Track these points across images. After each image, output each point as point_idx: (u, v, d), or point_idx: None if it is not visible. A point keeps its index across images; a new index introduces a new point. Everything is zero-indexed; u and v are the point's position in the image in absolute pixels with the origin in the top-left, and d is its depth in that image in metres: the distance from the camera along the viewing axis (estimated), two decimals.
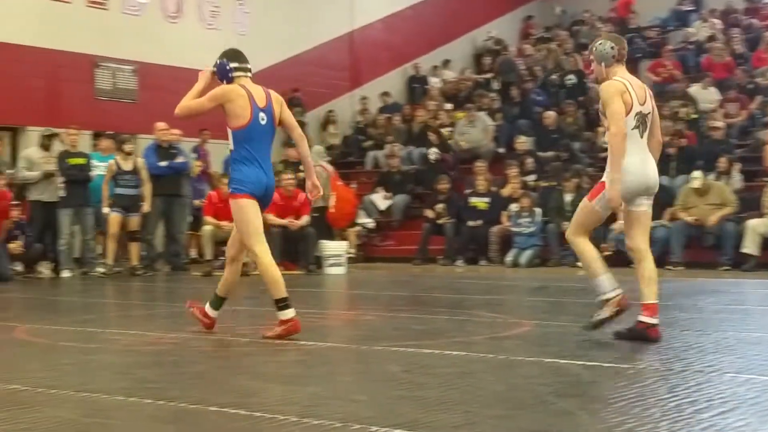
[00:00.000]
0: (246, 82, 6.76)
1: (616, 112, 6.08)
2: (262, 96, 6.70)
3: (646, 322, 6.14)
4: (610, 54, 6.28)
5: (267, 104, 6.69)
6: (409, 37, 22.60)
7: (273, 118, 6.68)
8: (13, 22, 15.35)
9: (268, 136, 6.67)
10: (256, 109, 6.60)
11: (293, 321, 6.48)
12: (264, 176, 6.55)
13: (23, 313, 8.35)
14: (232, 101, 6.59)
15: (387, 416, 4.03)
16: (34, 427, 3.90)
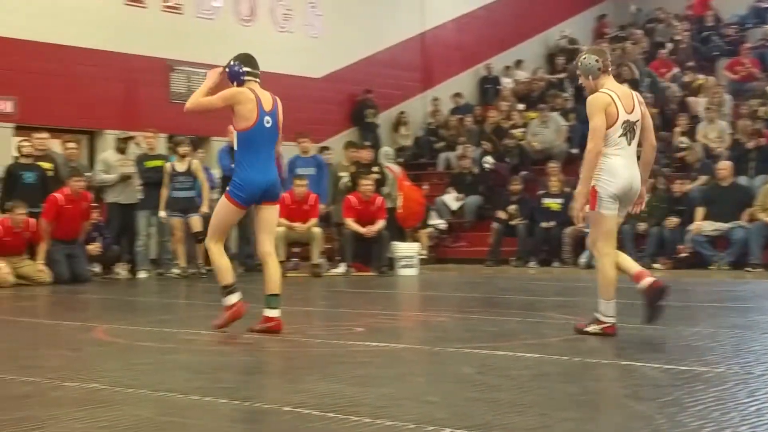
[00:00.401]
0: (255, 86, 7.04)
1: (597, 129, 6.33)
2: (269, 100, 7.02)
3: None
4: (596, 67, 6.51)
5: (273, 108, 7.00)
6: (480, 38, 22.52)
7: (277, 122, 6.99)
8: (90, 27, 15.62)
9: (271, 139, 6.98)
10: (262, 112, 6.90)
11: (236, 304, 6.87)
12: (262, 179, 6.86)
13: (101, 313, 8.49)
14: (241, 103, 6.89)
15: (460, 418, 4.01)
16: (113, 425, 3.95)
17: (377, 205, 13.84)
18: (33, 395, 4.61)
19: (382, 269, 13.77)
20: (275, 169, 7.04)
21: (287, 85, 18.31)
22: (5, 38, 14.68)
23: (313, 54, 18.96)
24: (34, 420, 4.03)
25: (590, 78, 6.54)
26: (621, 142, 6.40)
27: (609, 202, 6.43)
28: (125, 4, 16.26)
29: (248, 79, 7.08)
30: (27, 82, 14.86)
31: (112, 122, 15.54)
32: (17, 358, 6.14)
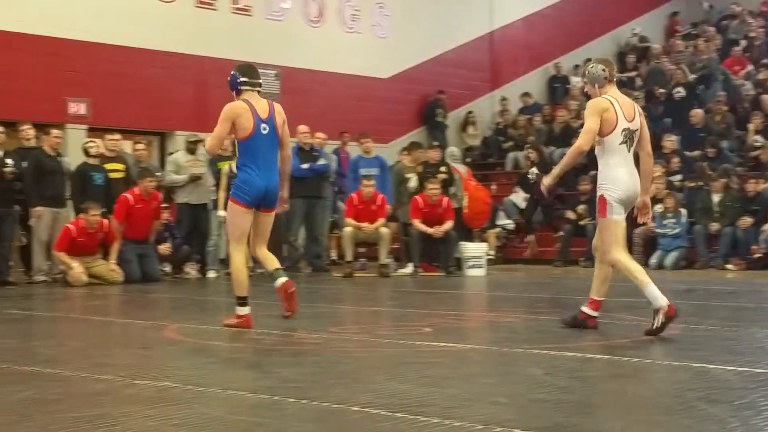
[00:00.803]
0: (251, 95, 7.30)
1: (589, 129, 6.62)
2: (265, 108, 7.29)
3: (587, 314, 6.89)
4: (602, 76, 6.78)
5: (269, 116, 7.28)
6: (549, 36, 22.38)
7: (275, 129, 7.28)
8: (162, 30, 15.84)
9: (270, 144, 7.28)
10: (258, 120, 7.21)
11: (246, 317, 7.32)
12: (263, 183, 7.19)
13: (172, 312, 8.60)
14: (240, 116, 7.18)
15: (529, 419, 3.99)
16: (183, 423, 3.99)
17: (444, 206, 13.82)
18: (106, 393, 4.69)
19: (450, 269, 13.74)
20: (276, 175, 7.33)
21: (354, 85, 18.41)
22: (79, 41, 14.95)
23: (381, 54, 19.01)
24: (108, 417, 4.10)
25: (596, 86, 6.79)
26: (622, 149, 6.69)
27: (618, 208, 6.69)
28: (196, 6, 16.46)
29: (245, 88, 7.33)
30: (100, 85, 15.11)
31: (182, 123, 15.73)
32: (91, 357, 6.24)
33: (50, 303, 10.58)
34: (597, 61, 6.96)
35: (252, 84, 7.34)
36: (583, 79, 7.06)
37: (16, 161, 12.35)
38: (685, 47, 22.34)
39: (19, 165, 12.34)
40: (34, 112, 14.04)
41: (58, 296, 11.12)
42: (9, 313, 9.03)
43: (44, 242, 12.53)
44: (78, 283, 11.91)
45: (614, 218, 6.69)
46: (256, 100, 7.30)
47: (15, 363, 5.65)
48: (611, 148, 6.69)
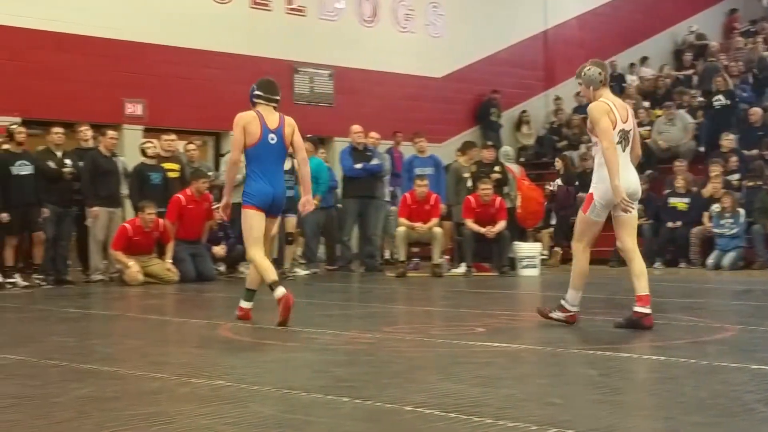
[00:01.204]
0: (263, 108, 7.66)
1: (606, 129, 6.85)
2: (275, 120, 7.65)
3: (641, 312, 6.96)
4: (598, 79, 7.09)
5: (278, 127, 7.64)
6: (604, 35, 22.20)
7: (283, 139, 7.63)
8: (217, 31, 15.97)
9: (278, 153, 7.67)
10: (266, 130, 7.58)
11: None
12: (270, 189, 7.57)
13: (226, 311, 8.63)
14: (249, 123, 7.57)
15: (584, 420, 3.95)
16: (238, 422, 4.02)
17: (497, 205, 13.76)
18: (162, 391, 4.73)
19: (503, 269, 13.69)
20: (283, 182, 7.74)
21: (408, 85, 18.42)
22: (135, 43, 15.13)
23: (435, 54, 18.99)
24: (163, 415, 4.14)
25: (591, 88, 7.11)
26: (618, 149, 6.91)
27: (601, 210, 7.01)
28: (251, 7, 16.58)
29: (258, 101, 7.70)
30: (156, 85, 15.29)
31: None
32: (147, 355, 6.31)
33: (107, 302, 10.71)
34: (592, 63, 7.22)
35: (266, 99, 7.69)
36: (577, 80, 7.29)
37: (74, 162, 12.52)
38: (744, 44, 22.04)
39: (77, 165, 12.51)
40: (91, 113, 14.24)
41: (115, 295, 11.26)
42: (67, 311, 9.16)
43: (100, 242, 12.68)
44: (134, 282, 12.04)
45: (592, 218, 7.08)
46: (269, 112, 7.66)
47: (73, 361, 5.73)
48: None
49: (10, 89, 14.02)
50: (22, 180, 11.71)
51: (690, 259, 14.84)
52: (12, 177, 11.64)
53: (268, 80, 7.87)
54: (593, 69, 7.14)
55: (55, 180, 12.19)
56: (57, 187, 12.22)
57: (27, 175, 11.78)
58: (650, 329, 6.82)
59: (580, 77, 7.21)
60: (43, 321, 8.50)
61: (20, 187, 11.66)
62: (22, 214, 11.70)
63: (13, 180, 11.65)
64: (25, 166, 11.79)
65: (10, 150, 11.83)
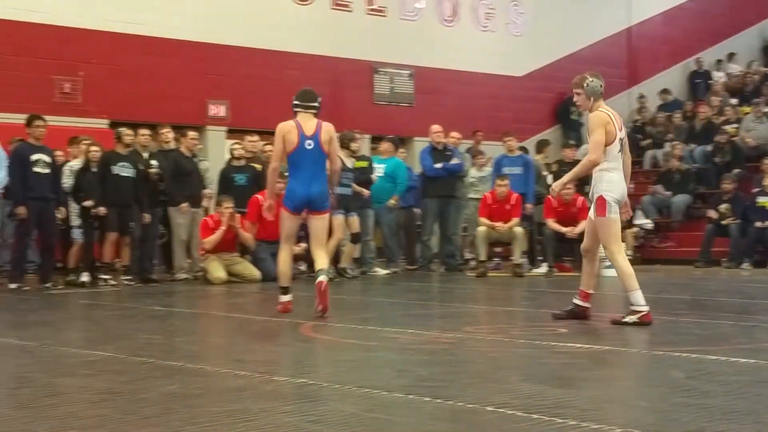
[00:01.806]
0: (301, 116, 8.30)
1: (599, 143, 7.27)
2: (312, 127, 8.27)
3: (582, 305, 7.64)
4: (599, 91, 7.44)
5: (314, 133, 8.25)
6: (690, 31, 21.84)
7: (320, 144, 8.23)
8: (298, 32, 16.11)
9: (314, 158, 8.26)
10: (302, 137, 8.22)
11: (285, 303, 8.47)
12: (302, 191, 8.24)
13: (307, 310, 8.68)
14: (288, 132, 8.23)
15: (669, 424, 3.89)
16: (320, 419, 4.04)
17: (579, 205, 13.62)
18: (245, 388, 4.78)
19: None
20: (319, 184, 8.27)
21: (488, 84, 18.35)
22: (218, 45, 15.33)
23: (516, 52, 18.90)
24: (247, 413, 4.18)
25: (591, 99, 7.41)
26: (618, 156, 7.38)
27: (615, 207, 7.31)
28: (332, 8, 16.67)
29: (297, 110, 8.33)
30: (238, 87, 15.47)
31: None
32: (231, 353, 6.39)
33: (191, 300, 10.87)
34: (593, 75, 7.51)
35: (303, 107, 8.32)
36: (576, 90, 7.48)
37: (162, 163, 12.72)
38: None
39: (163, 166, 12.71)
40: (175, 115, 14.47)
41: (199, 293, 11.41)
42: (153, 309, 9.33)
43: (184, 241, 12.86)
44: (217, 281, 12.18)
45: (612, 217, 7.31)
46: (306, 119, 8.28)
47: (160, 358, 5.82)
48: (612, 155, 7.33)
49: (98, 93, 14.33)
50: (122, 181, 11.97)
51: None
52: (112, 177, 11.91)
53: (304, 90, 8.51)
54: (595, 81, 7.44)
55: (143, 181, 12.40)
56: (144, 188, 12.43)
57: (126, 177, 12.04)
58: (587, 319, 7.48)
59: (582, 88, 7.44)
60: (130, 319, 8.66)
61: (118, 187, 11.93)
62: (119, 215, 11.95)
63: (113, 179, 11.91)
64: (127, 168, 12.05)
65: (115, 151, 12.11)
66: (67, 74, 14.25)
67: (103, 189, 11.87)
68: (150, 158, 12.69)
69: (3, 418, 4.16)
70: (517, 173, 14.02)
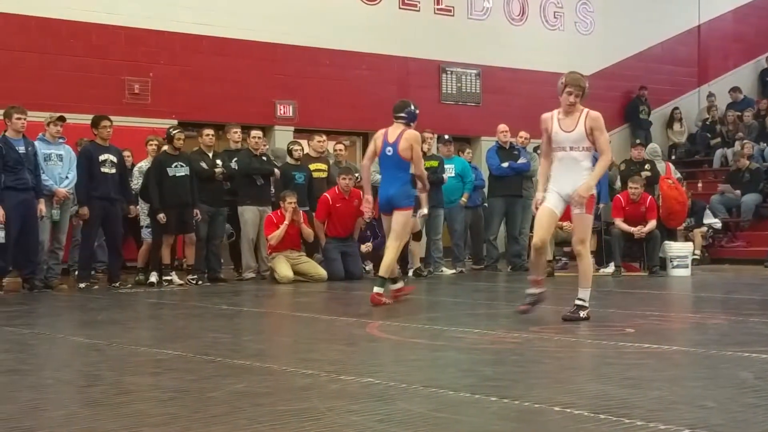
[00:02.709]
0: (393, 125, 9.38)
1: (608, 141, 7.75)
2: (395, 134, 9.26)
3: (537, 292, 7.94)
4: (587, 92, 7.66)
5: (395, 141, 9.21)
6: (761, 28, 21.51)
7: (397, 152, 9.18)
8: (365, 32, 16.17)
9: (391, 163, 9.22)
10: (385, 143, 9.27)
11: (403, 288, 9.70)
12: (383, 192, 9.33)
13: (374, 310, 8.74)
14: (377, 139, 9.38)
15: (739, 424, 3.86)
16: (387, 418, 4.07)
17: (647, 204, 13.49)
18: (312, 387, 4.82)
19: (653, 269, 13.42)
20: (397, 186, 9.17)
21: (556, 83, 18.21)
22: (287, 45, 15.46)
23: (584, 51, 18.76)
24: (314, 411, 4.22)
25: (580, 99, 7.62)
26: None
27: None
28: (400, 8, 16.70)
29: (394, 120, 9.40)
30: (306, 87, 15.58)
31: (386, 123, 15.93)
32: (298, 352, 6.45)
33: (258, 299, 10.96)
34: (582, 76, 7.76)
35: (396, 117, 9.38)
36: (577, 90, 7.56)
37: (226, 162, 12.84)
38: None
39: (228, 166, 12.84)
40: (243, 115, 14.62)
41: (266, 293, 11.50)
42: (220, 308, 9.43)
43: (252, 240, 12.97)
44: (284, 280, 12.28)
45: (591, 214, 7.69)
46: (395, 128, 9.30)
47: (227, 356, 5.89)
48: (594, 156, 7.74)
49: (167, 93, 14.54)
50: (178, 181, 12.06)
51: None
52: (168, 178, 12.00)
53: (398, 101, 9.66)
54: (586, 81, 7.71)
55: (208, 180, 12.53)
56: (209, 187, 12.56)
57: (182, 176, 12.11)
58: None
59: (580, 87, 7.59)
60: (198, 318, 8.77)
61: (175, 187, 12.00)
62: (178, 215, 12.04)
63: (169, 181, 12.00)
64: (181, 167, 12.13)
65: (167, 152, 12.21)
66: (137, 75, 14.48)
67: (160, 191, 11.95)
68: (215, 158, 12.81)
69: (74, 416, 4.24)
70: None
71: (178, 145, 12.14)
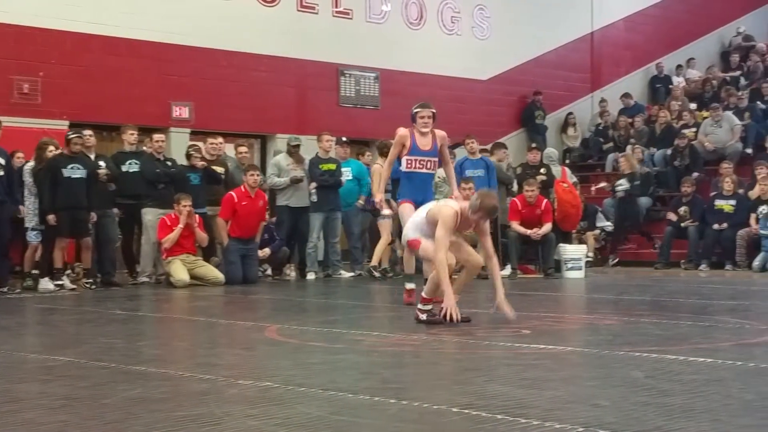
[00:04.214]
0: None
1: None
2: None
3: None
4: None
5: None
6: (652, 36, 22.07)
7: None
8: (264, 34, 16.07)
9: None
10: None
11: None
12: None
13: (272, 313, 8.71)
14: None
15: (631, 422, 3.95)
16: (286, 422, 4.05)
17: (543, 207, 13.71)
18: (210, 392, 4.77)
19: (549, 271, 13.64)
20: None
21: (453, 87, 18.40)
22: (183, 46, 15.26)
23: (481, 56, 18.98)
24: (211, 416, 4.17)
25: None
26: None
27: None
28: (298, 10, 16.64)
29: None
30: (203, 88, 15.40)
31: (283, 126, 15.93)
32: (195, 357, 6.38)
33: (154, 304, 10.81)
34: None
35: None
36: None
37: (110, 164, 12.60)
38: None
39: (114, 168, 12.61)
40: (139, 117, 14.36)
41: (161, 297, 11.36)
42: (114, 313, 9.26)
43: (155, 243, 12.75)
44: (181, 284, 12.13)
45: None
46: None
47: (122, 362, 5.80)
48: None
49: (58, 93, 14.20)
50: (73, 183, 11.81)
51: (736, 261, 14.70)
52: (63, 180, 11.74)
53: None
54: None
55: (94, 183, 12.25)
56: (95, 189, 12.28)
57: (78, 178, 11.87)
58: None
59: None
60: (91, 323, 8.60)
61: (71, 190, 11.74)
62: (72, 218, 11.79)
63: (65, 183, 11.73)
64: (78, 169, 11.90)
65: (64, 153, 11.95)
66: (26, 74, 14.09)
67: (53, 193, 11.67)
68: (97, 159, 12.57)
69: None
70: (479, 175, 14.06)
71: (75, 149, 11.91)
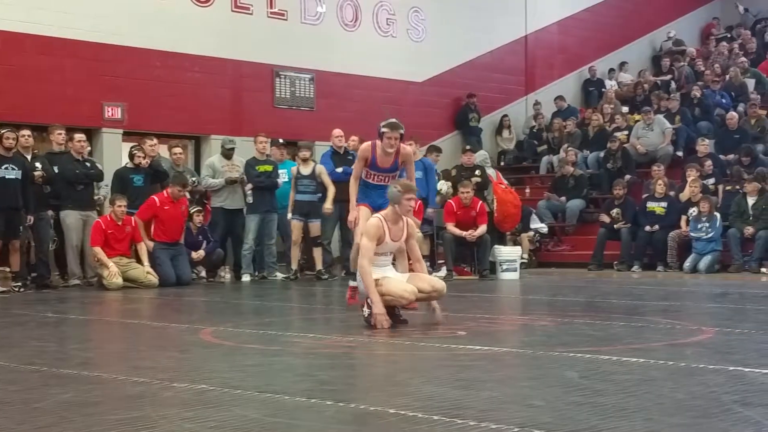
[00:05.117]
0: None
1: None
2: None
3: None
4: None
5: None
6: (584, 40, 22.33)
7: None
8: (197, 34, 15.93)
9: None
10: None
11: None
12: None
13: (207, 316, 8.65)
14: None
15: (565, 422, 3.99)
16: (221, 425, 4.02)
17: (478, 209, 13.81)
18: (144, 395, 4.73)
19: (484, 273, 13.73)
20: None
21: (389, 89, 18.43)
22: (115, 45, 15.07)
23: (416, 58, 19.03)
24: (146, 420, 4.14)
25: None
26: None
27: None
28: (232, 10, 16.54)
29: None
30: (136, 89, 15.22)
31: (218, 128, 15.81)
32: (128, 359, 6.30)
33: (86, 306, 10.68)
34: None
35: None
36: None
37: (45, 165, 12.43)
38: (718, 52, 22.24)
39: (49, 169, 12.44)
40: (70, 117, 14.16)
41: (94, 300, 11.22)
42: (45, 316, 9.14)
43: (76, 247, 12.62)
44: (113, 287, 12.00)
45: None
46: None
47: (53, 366, 5.71)
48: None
49: None
50: (7, 183, 11.61)
51: (667, 262, 14.94)
52: None
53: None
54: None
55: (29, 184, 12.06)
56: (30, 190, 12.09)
57: (12, 179, 11.68)
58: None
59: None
60: (21, 326, 8.46)
61: (4, 190, 11.55)
62: (5, 219, 11.59)
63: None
64: (12, 170, 11.70)
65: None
66: None
67: None
68: (33, 160, 12.39)
69: None
70: (418, 177, 14.09)
71: (8, 145, 11.71)
